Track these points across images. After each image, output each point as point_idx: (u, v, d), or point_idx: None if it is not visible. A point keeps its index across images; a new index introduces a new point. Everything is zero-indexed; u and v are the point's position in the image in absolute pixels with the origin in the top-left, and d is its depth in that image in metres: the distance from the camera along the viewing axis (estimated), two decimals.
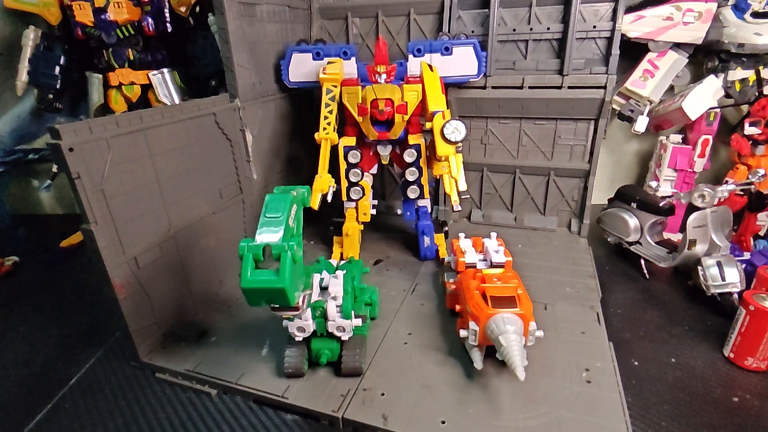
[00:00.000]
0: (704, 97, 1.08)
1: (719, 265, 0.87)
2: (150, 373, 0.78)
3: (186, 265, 0.88)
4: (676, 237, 1.14)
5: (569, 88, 1.11)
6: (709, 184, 0.89)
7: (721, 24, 1.13)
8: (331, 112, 0.97)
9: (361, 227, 1.10)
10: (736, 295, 0.85)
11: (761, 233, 1.12)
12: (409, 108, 0.96)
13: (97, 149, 0.68)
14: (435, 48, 1.04)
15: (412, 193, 1.04)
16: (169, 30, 1.23)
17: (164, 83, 1.28)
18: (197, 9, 1.23)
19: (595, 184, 1.17)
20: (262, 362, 0.76)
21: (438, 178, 1.03)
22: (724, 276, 0.86)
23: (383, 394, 0.68)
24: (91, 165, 0.67)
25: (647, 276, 1.02)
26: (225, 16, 0.92)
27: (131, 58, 1.25)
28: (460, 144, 0.86)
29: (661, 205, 0.99)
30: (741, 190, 0.96)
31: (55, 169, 1.31)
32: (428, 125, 0.89)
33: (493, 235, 0.87)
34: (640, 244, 1.05)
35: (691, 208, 0.91)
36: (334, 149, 0.98)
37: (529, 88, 1.14)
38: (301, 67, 1.12)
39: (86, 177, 0.66)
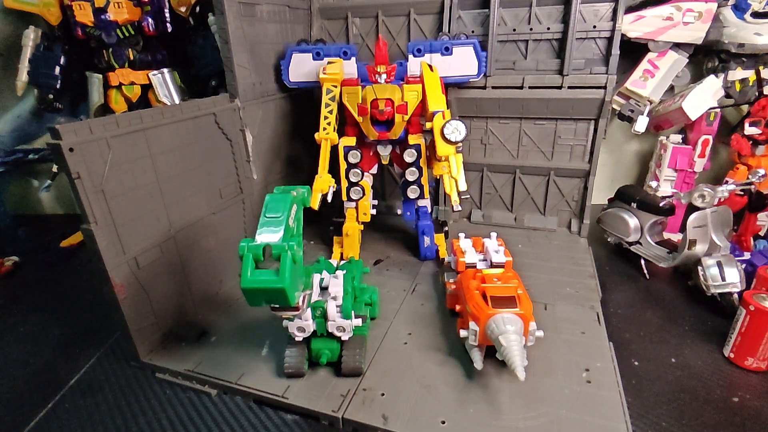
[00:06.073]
0: (704, 97, 1.08)
1: (719, 265, 0.87)
2: (150, 373, 0.78)
3: (186, 265, 0.88)
4: (676, 237, 1.14)
5: (569, 88, 1.11)
6: (709, 184, 0.89)
7: (721, 24, 1.13)
8: (331, 112, 0.97)
9: (361, 227, 1.10)
10: (736, 295, 0.85)
11: (761, 233, 1.12)
12: (409, 108, 0.96)
13: (97, 149, 0.68)
14: (435, 48, 1.04)
15: (412, 193, 1.04)
16: (169, 30, 1.23)
17: (164, 83, 1.28)
18: (197, 9, 1.23)
19: (595, 184, 1.17)
20: (262, 362, 0.76)
21: (438, 178, 1.03)
22: (724, 276, 0.86)
23: (383, 394, 0.68)
24: (91, 165, 0.67)
25: (647, 276, 1.02)
26: (225, 16, 0.92)
27: (131, 58, 1.25)
28: (460, 144, 0.86)
29: (661, 205, 0.99)
30: (741, 190, 0.96)
31: (55, 169, 1.31)
32: (428, 125, 0.89)
33: (493, 235, 0.87)
34: (640, 244, 1.05)
35: (691, 208, 0.91)
36: (334, 149, 0.98)
37: (529, 88, 1.14)
38: (301, 67, 1.12)
39: (86, 177, 0.66)
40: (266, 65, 1.10)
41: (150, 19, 1.20)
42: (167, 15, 1.21)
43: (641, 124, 1.18)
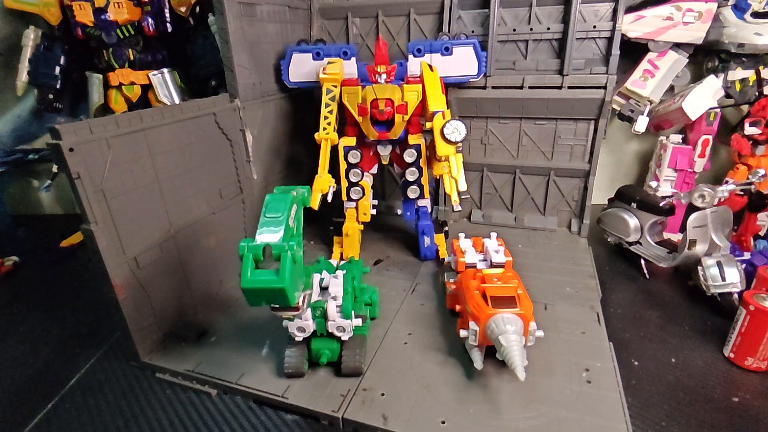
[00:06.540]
0: (704, 97, 1.08)
1: (719, 265, 0.87)
2: (150, 373, 0.78)
3: (186, 265, 0.88)
4: (676, 237, 1.14)
5: (569, 88, 1.11)
6: (709, 184, 0.89)
7: (721, 24, 1.13)
8: (331, 112, 0.97)
9: (361, 227, 1.10)
10: (736, 295, 0.85)
11: (761, 233, 1.12)
12: (409, 108, 0.96)
13: (97, 149, 0.68)
14: (435, 48, 1.04)
15: (412, 193, 1.04)
16: (169, 30, 1.23)
17: (164, 83, 1.28)
18: (197, 9, 1.23)
19: (595, 184, 1.17)
20: (262, 362, 0.76)
21: (438, 178, 1.03)
22: (724, 276, 0.86)
23: (383, 394, 0.68)
24: (91, 165, 0.67)
25: (647, 276, 1.02)
26: (225, 16, 0.92)
27: (131, 58, 1.25)
28: (460, 144, 0.86)
29: (661, 205, 0.99)
30: (741, 190, 0.96)
31: (55, 169, 1.31)
32: (428, 125, 0.89)
33: (493, 235, 0.87)
34: (640, 244, 1.05)
35: (691, 208, 0.91)
36: (334, 149, 0.98)
37: (529, 88, 1.14)
38: (301, 67, 1.12)
39: (86, 177, 0.66)
40: (266, 65, 1.10)
41: (150, 19, 1.20)
42: (167, 15, 1.21)
43: (641, 124, 1.18)
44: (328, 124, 0.96)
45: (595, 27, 1.07)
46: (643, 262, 1.03)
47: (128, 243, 0.74)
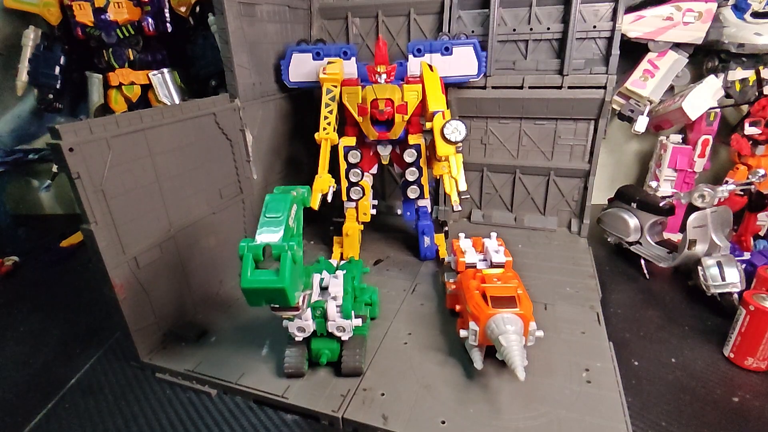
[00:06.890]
0: (704, 97, 1.08)
1: (719, 265, 0.87)
2: (150, 373, 0.78)
3: (186, 265, 0.88)
4: (676, 237, 1.14)
5: (569, 88, 1.11)
6: (709, 184, 0.89)
7: (721, 24, 1.13)
8: (331, 112, 0.97)
9: (361, 227, 1.10)
10: (736, 295, 0.85)
11: (761, 233, 1.12)
12: (409, 108, 0.96)
13: (97, 149, 0.68)
14: (435, 48, 1.04)
15: (412, 193, 1.04)
16: (169, 30, 1.23)
17: (164, 83, 1.28)
18: (197, 9, 1.23)
19: (595, 184, 1.17)
20: (262, 362, 0.76)
21: (438, 178, 1.03)
22: (724, 276, 0.86)
23: (383, 394, 0.68)
24: (91, 165, 0.67)
25: (647, 276, 1.02)
26: (225, 16, 0.92)
27: (131, 58, 1.25)
28: (460, 144, 0.86)
29: (661, 205, 0.99)
30: (741, 190, 0.96)
31: (55, 169, 1.31)
32: (428, 125, 0.89)
33: (493, 235, 0.87)
34: (640, 244, 1.05)
35: (691, 208, 0.91)
36: (334, 149, 0.98)
37: (529, 88, 1.14)
38: (301, 67, 1.12)
39: (86, 177, 0.66)
40: (266, 65, 1.10)
41: (150, 19, 1.20)
42: (167, 15, 1.21)
43: (641, 124, 1.18)
44: (328, 124, 0.96)
45: (595, 27, 1.07)
46: (643, 262, 1.03)
47: (128, 243, 0.74)
